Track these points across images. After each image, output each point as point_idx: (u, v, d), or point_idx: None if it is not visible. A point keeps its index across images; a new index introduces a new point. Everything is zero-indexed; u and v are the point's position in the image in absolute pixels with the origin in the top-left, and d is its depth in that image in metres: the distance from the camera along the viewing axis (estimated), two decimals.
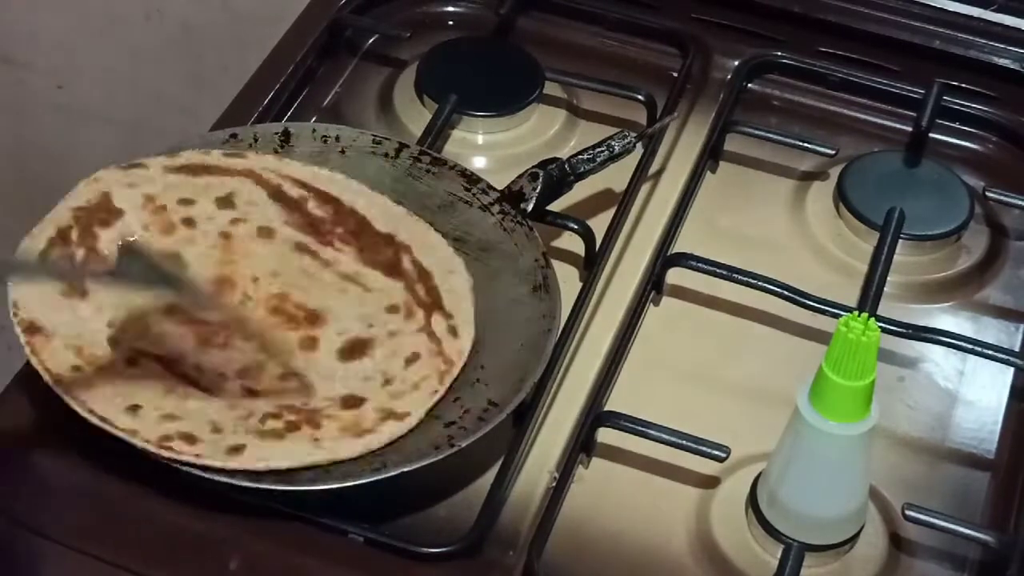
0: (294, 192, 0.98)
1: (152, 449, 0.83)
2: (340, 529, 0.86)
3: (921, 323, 0.99)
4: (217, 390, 0.88)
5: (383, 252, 0.97)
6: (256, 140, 1.01)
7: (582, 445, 0.91)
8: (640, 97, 1.12)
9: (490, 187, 1.00)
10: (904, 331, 0.97)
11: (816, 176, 1.11)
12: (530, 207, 0.99)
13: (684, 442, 0.89)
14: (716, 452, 0.89)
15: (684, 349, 1.00)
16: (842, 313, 0.92)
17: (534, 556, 0.85)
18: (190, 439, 0.84)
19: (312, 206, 0.98)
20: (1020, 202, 1.07)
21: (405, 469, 0.85)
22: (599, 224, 1.02)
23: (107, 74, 1.58)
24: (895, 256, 1.03)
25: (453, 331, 0.92)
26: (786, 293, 0.99)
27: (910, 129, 1.13)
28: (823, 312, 0.98)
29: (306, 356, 0.91)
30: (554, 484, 0.90)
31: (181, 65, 1.55)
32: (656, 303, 1.02)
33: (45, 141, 1.67)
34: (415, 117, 1.11)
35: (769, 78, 1.18)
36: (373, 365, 0.91)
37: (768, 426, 0.88)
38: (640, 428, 0.90)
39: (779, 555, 0.86)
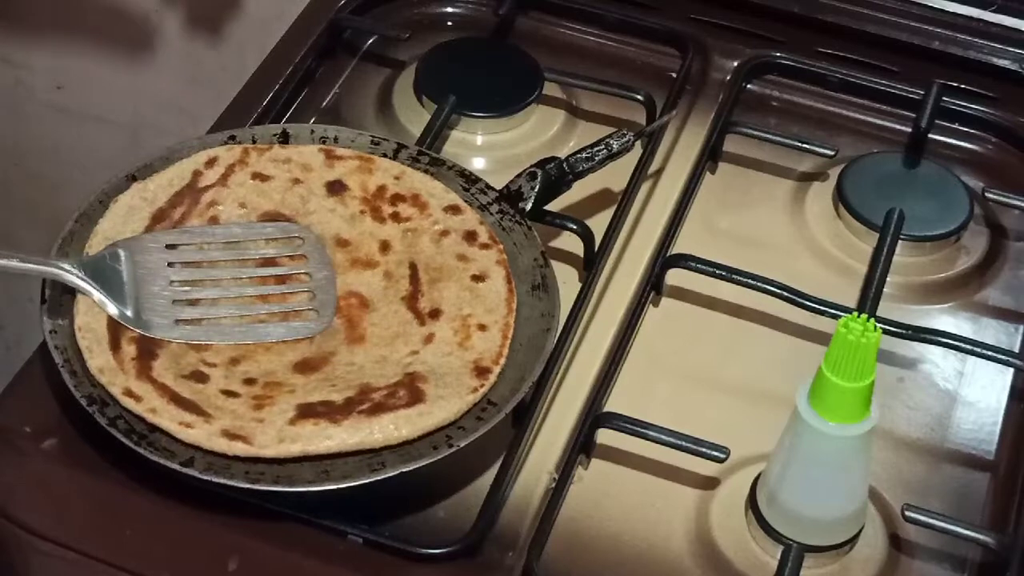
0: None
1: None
2: (339, 530, 0.86)
3: (921, 324, 0.99)
4: None
5: None
6: (255, 142, 1.01)
7: (581, 446, 0.91)
8: (639, 97, 1.12)
9: (488, 187, 1.00)
10: (904, 332, 0.97)
11: (815, 177, 1.11)
12: (528, 206, 0.99)
13: (683, 443, 0.89)
14: (715, 453, 0.89)
15: (684, 350, 1.00)
16: (841, 314, 0.91)
17: (533, 557, 0.85)
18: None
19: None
20: (1020, 202, 1.07)
21: (404, 469, 0.85)
22: (598, 224, 1.02)
23: (107, 74, 1.58)
24: (895, 257, 1.03)
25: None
26: (785, 294, 0.99)
27: (909, 130, 1.13)
28: (822, 313, 0.98)
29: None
30: (553, 485, 0.90)
31: (180, 65, 1.55)
32: (656, 304, 1.02)
33: (45, 141, 1.67)
34: (414, 118, 1.11)
35: (768, 79, 1.18)
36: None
37: (768, 427, 0.88)
38: (639, 429, 0.90)
39: (779, 556, 0.86)
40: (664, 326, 1.00)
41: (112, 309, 0.90)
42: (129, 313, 0.90)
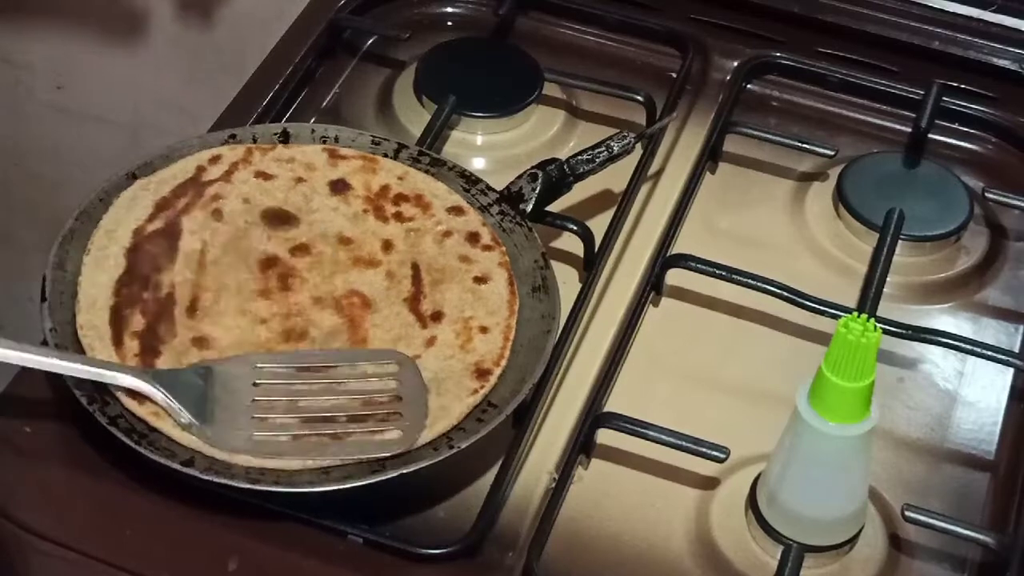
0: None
1: None
2: (339, 530, 0.86)
3: (921, 324, 0.99)
4: None
5: None
6: (255, 141, 1.02)
7: (581, 446, 0.91)
8: (639, 98, 1.12)
9: (489, 188, 1.01)
10: (904, 332, 0.97)
11: (815, 177, 1.11)
12: (529, 208, 0.99)
13: (683, 443, 0.89)
14: (715, 453, 0.89)
15: (684, 350, 0.99)
16: (842, 314, 0.91)
17: (533, 557, 0.85)
18: None
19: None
20: (1019, 202, 1.07)
21: (404, 470, 0.85)
22: (598, 225, 1.02)
23: (107, 74, 1.58)
24: (894, 257, 1.03)
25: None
26: (785, 294, 0.99)
27: (909, 130, 1.13)
28: (822, 313, 0.98)
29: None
30: (553, 485, 0.90)
31: (180, 65, 1.55)
32: (655, 304, 1.02)
33: (45, 141, 1.67)
34: (414, 118, 1.11)
35: (768, 79, 1.18)
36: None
37: (768, 427, 0.88)
38: (639, 429, 0.90)
39: (779, 556, 0.86)
40: (664, 326, 1.00)
41: (184, 418, 0.85)
42: (202, 426, 0.85)
